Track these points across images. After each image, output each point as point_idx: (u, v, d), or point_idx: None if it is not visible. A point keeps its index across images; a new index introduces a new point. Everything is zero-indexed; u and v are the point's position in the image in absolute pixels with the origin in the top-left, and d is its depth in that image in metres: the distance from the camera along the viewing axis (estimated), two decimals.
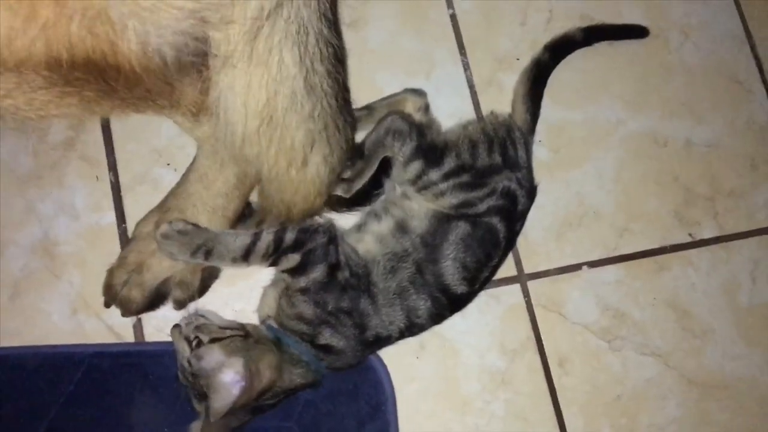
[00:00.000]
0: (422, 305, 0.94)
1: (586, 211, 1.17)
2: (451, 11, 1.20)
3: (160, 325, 1.00)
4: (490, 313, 1.11)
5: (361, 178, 1.01)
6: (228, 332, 0.89)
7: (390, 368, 1.04)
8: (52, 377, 0.95)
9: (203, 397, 0.86)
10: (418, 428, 1.05)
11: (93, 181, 1.03)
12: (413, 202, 0.98)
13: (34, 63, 0.52)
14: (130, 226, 1.03)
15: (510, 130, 1.03)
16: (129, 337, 1.01)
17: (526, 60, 1.18)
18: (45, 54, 0.52)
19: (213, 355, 0.85)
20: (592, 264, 1.15)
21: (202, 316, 0.92)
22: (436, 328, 1.07)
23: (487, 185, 0.98)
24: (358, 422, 1.01)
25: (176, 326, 0.91)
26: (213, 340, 0.87)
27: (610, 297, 1.14)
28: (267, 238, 0.90)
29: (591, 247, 1.16)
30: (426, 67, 1.17)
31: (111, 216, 1.04)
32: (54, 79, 0.57)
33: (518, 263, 1.13)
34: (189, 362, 0.87)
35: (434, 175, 0.97)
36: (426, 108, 1.08)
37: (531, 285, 1.13)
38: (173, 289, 0.97)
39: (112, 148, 1.04)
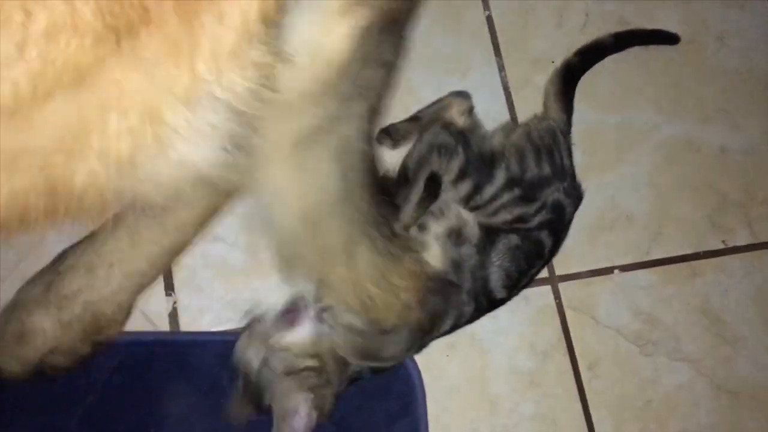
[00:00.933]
0: (467, 310, 0.96)
1: (619, 215, 1.16)
2: (487, 12, 1.20)
3: (195, 315, 1.01)
4: (520, 314, 1.10)
5: (409, 203, 0.97)
6: (307, 362, 0.88)
7: (420, 366, 1.04)
8: (87, 365, 0.95)
9: (254, 396, 0.88)
10: (446, 427, 1.05)
11: None
12: (465, 214, 0.99)
13: None
14: None
15: (554, 134, 1.04)
16: (164, 325, 1.01)
17: (561, 63, 1.19)
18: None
19: (284, 387, 0.87)
20: (625, 268, 1.14)
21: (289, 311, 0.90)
22: (466, 327, 1.07)
23: (539, 199, 0.99)
24: (389, 419, 1.01)
25: (255, 322, 0.89)
26: (287, 373, 0.87)
27: (642, 301, 1.13)
28: None
29: (623, 250, 1.15)
30: (461, 67, 1.18)
31: None
32: None
33: (550, 265, 1.12)
34: (258, 372, 0.88)
35: (487, 192, 0.97)
36: (470, 110, 1.08)
37: (562, 287, 1.12)
38: (57, 357, 0.87)
39: None
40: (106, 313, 0.87)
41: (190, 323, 1.02)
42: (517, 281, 1.00)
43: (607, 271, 1.14)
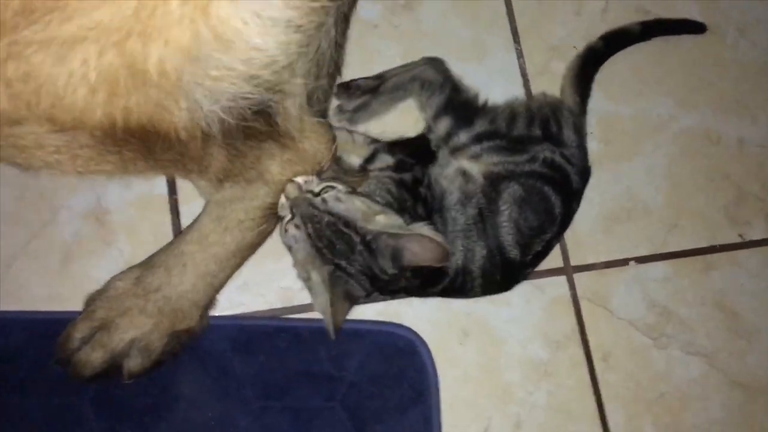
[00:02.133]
0: (479, 251, 0.94)
1: (634, 206, 1.15)
2: None
3: None
4: (534, 304, 1.09)
5: (365, 111, 1.02)
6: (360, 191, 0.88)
7: (433, 354, 1.03)
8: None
9: (329, 249, 0.84)
10: (459, 415, 1.04)
11: None
12: (465, 162, 0.98)
13: (90, 126, 0.52)
14: (181, 197, 1.03)
15: (556, 109, 1.02)
16: None
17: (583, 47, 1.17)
18: (102, 118, 0.52)
19: (357, 205, 0.84)
20: (640, 259, 1.13)
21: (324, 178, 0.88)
22: (480, 315, 1.07)
23: (527, 152, 0.97)
24: (401, 406, 1.00)
25: (293, 181, 0.85)
26: (351, 192, 0.85)
27: (657, 294, 1.13)
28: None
29: (639, 242, 1.14)
30: (479, 53, 1.16)
31: (162, 187, 1.03)
32: (101, 138, 0.58)
33: (565, 255, 1.11)
34: (324, 201, 0.84)
35: (464, 136, 0.97)
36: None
37: (577, 277, 1.11)
38: (133, 356, 0.90)
39: (174, 189, 1.04)
40: (183, 309, 0.91)
41: None
42: (530, 240, 0.95)
43: (623, 262, 1.13)
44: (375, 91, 1.03)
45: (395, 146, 0.99)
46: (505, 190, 0.95)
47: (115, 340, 0.89)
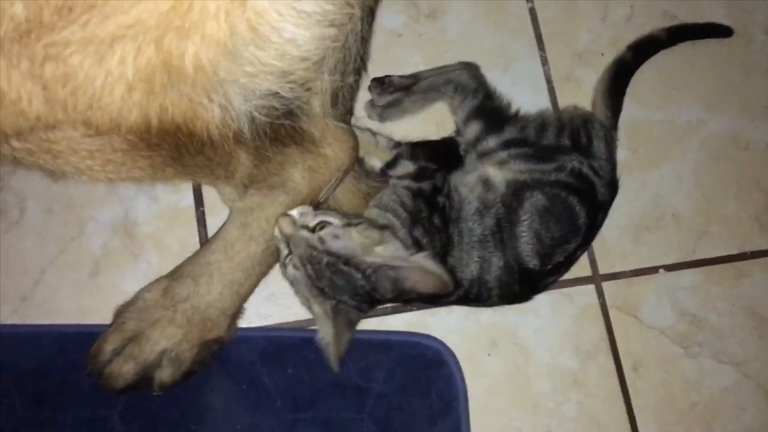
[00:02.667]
0: (495, 261, 0.93)
1: (663, 213, 1.14)
2: (530, 4, 1.18)
3: None
4: (563, 313, 1.08)
5: (396, 108, 1.03)
6: (355, 220, 0.87)
7: (461, 364, 1.02)
8: None
9: (331, 287, 0.84)
10: (488, 426, 1.03)
11: None
12: (489, 168, 0.98)
13: (126, 127, 0.52)
14: (208, 209, 1.03)
15: (587, 121, 1.02)
16: None
17: (610, 56, 1.16)
18: (138, 119, 0.52)
19: (354, 238, 0.84)
20: (670, 267, 1.12)
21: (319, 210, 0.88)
22: (509, 325, 1.06)
23: (554, 161, 0.96)
24: (430, 417, 0.99)
25: (285, 216, 0.85)
26: (347, 225, 0.85)
27: (687, 302, 1.11)
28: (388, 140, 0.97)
29: (668, 249, 1.12)
30: (503, 60, 1.15)
31: (189, 199, 1.03)
32: (135, 142, 0.58)
33: (593, 263, 1.10)
34: (320, 241, 0.83)
35: (492, 141, 0.97)
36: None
37: (606, 286, 1.10)
38: (164, 367, 0.91)
39: (201, 200, 1.04)
40: (212, 318, 0.92)
41: None
42: (551, 251, 0.94)
43: (652, 270, 1.11)
44: (408, 89, 1.04)
45: (418, 149, 0.98)
46: (528, 200, 0.94)
47: (146, 352, 0.90)
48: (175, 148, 0.61)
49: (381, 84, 1.04)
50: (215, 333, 0.93)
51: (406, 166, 0.95)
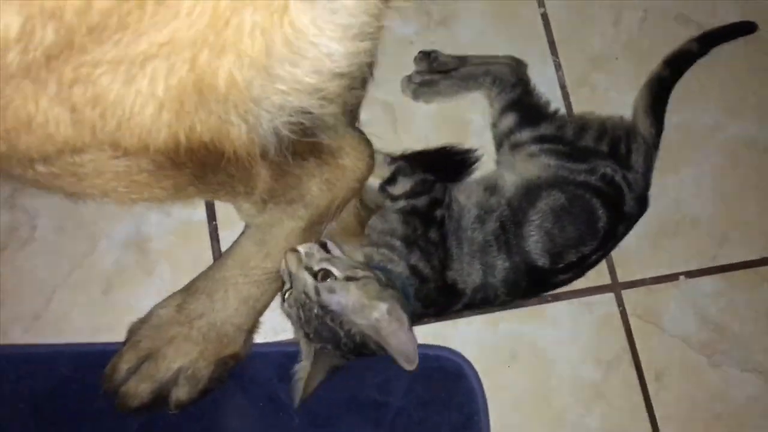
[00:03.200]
0: (500, 264, 0.92)
1: (682, 218, 1.12)
2: (542, 10, 1.16)
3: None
4: (583, 323, 1.06)
5: (431, 88, 1.03)
6: (360, 273, 0.85)
7: (481, 377, 1.00)
8: None
9: (316, 336, 0.85)
10: None
11: None
12: (506, 173, 0.97)
13: (154, 148, 0.50)
14: (221, 224, 1.02)
15: (630, 133, 1.01)
16: None
17: (624, 60, 1.14)
18: (167, 139, 0.50)
19: (350, 295, 0.83)
20: (690, 274, 1.10)
21: (325, 248, 0.87)
22: (528, 337, 1.04)
23: (587, 162, 0.95)
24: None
25: (294, 251, 0.85)
26: (348, 279, 0.83)
27: (709, 309, 1.09)
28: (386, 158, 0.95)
29: (688, 256, 1.10)
30: None
31: (202, 213, 1.02)
32: (161, 162, 0.57)
33: (612, 271, 1.08)
34: (316, 291, 0.83)
35: (526, 133, 0.96)
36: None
37: (625, 294, 1.08)
38: (180, 385, 0.89)
39: (214, 215, 1.03)
40: (228, 334, 0.90)
41: None
42: (563, 250, 0.93)
43: (672, 277, 1.09)
44: (447, 73, 1.03)
45: (416, 161, 0.97)
46: (543, 199, 0.93)
47: (162, 370, 0.88)
48: (200, 167, 0.60)
49: (427, 57, 1.04)
50: (231, 349, 0.91)
51: (404, 184, 0.93)
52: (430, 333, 1.02)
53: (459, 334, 1.02)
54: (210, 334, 0.89)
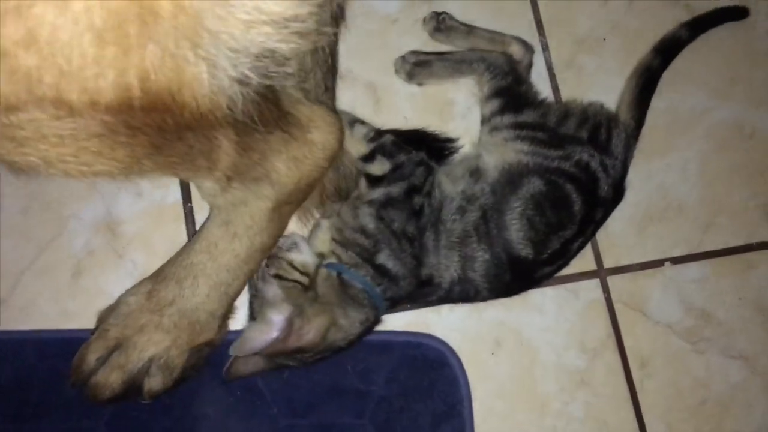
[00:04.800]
0: (480, 256, 0.89)
1: (669, 204, 1.10)
2: None
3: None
4: (568, 309, 1.04)
5: (425, 69, 1.02)
6: (296, 275, 0.85)
7: (465, 365, 0.98)
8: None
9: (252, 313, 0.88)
10: (493, 429, 1.00)
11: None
12: (485, 154, 0.95)
13: (104, 103, 0.45)
14: (196, 205, 0.98)
15: (611, 120, 0.99)
16: None
17: (611, 42, 1.12)
18: (116, 88, 0.45)
19: (270, 290, 0.85)
20: (676, 260, 1.09)
21: (295, 244, 0.88)
22: (513, 324, 1.02)
23: (563, 149, 0.94)
24: (433, 421, 0.95)
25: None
26: (277, 276, 0.85)
27: (694, 296, 1.08)
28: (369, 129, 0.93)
29: (674, 242, 1.09)
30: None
31: (176, 194, 0.98)
32: (113, 125, 0.51)
33: (597, 257, 1.06)
34: (258, 278, 0.87)
35: (506, 119, 0.95)
36: (529, 66, 1.05)
37: (611, 280, 1.06)
38: (153, 374, 0.86)
39: (189, 196, 0.99)
40: (200, 321, 0.87)
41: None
42: (545, 237, 0.91)
43: (658, 263, 1.08)
44: (442, 56, 1.03)
45: (396, 142, 0.94)
46: (524, 186, 0.91)
47: (133, 360, 0.84)
48: (158, 132, 0.54)
49: (437, 17, 1.03)
50: (205, 336, 0.88)
51: (383, 164, 0.91)
52: (412, 320, 0.99)
53: (442, 321, 1.00)
54: (182, 322, 0.85)
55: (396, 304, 0.92)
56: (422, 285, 0.91)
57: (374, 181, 0.91)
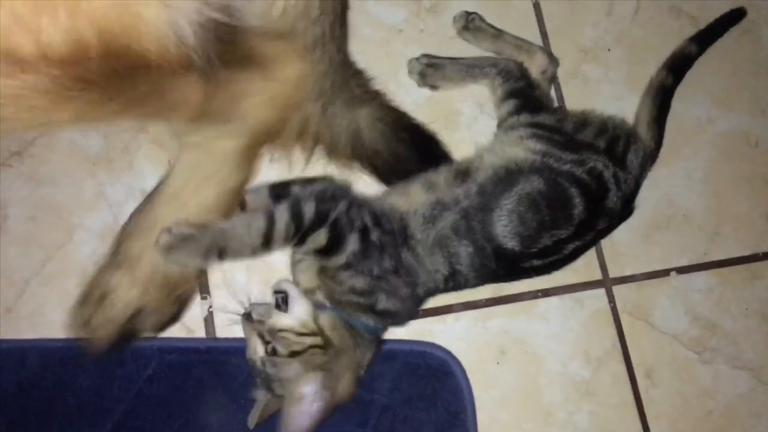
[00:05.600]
0: (463, 251, 0.88)
1: (674, 213, 1.10)
2: None
3: (233, 318, 0.94)
4: (573, 318, 1.04)
5: (437, 71, 1.03)
6: (308, 340, 0.83)
7: (469, 374, 0.98)
8: (121, 372, 0.90)
9: (269, 389, 0.84)
10: None
11: (164, 165, 0.98)
12: (487, 155, 0.95)
13: (57, 53, 0.44)
14: None
15: (631, 136, 0.99)
16: (200, 331, 0.95)
17: (616, 52, 1.12)
18: (67, 38, 0.43)
19: (291, 369, 0.82)
20: (681, 270, 1.08)
21: (281, 297, 0.85)
22: (518, 332, 1.02)
23: (578, 153, 0.93)
24: (437, 430, 0.95)
25: (247, 316, 0.85)
26: (293, 354, 0.82)
27: (700, 306, 1.07)
28: (283, 217, 0.81)
29: (680, 251, 1.09)
30: None
31: None
32: (62, 80, 0.50)
33: (603, 266, 1.06)
34: (263, 364, 0.84)
35: (524, 118, 0.96)
36: (551, 78, 1.05)
37: (616, 290, 1.06)
38: (147, 318, 0.86)
39: None
40: (175, 271, 0.85)
41: (226, 329, 0.95)
42: (536, 234, 0.89)
43: (663, 273, 1.08)
44: (455, 60, 1.04)
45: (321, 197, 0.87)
46: (519, 184, 0.90)
47: (118, 315, 0.84)
48: (111, 80, 0.52)
49: (466, 16, 1.05)
50: (182, 288, 0.87)
51: (318, 236, 0.84)
52: (417, 328, 0.99)
53: (447, 330, 1.00)
54: (156, 276, 0.84)
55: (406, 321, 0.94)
56: (422, 300, 0.91)
57: (327, 250, 0.85)
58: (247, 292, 0.93)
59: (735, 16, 1.13)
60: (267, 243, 0.81)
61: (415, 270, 0.88)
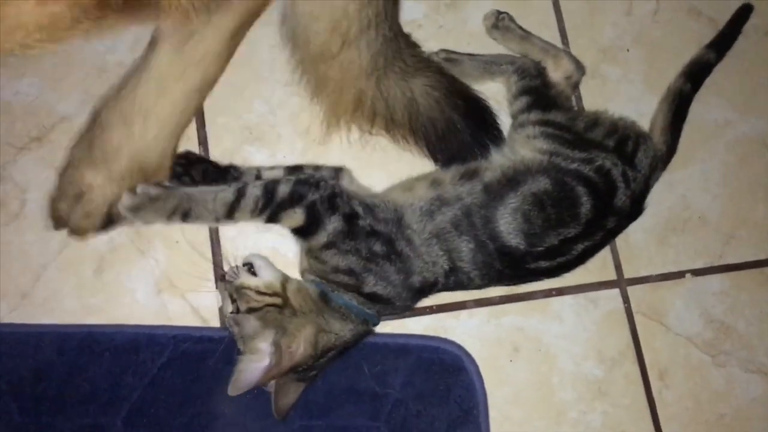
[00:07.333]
0: (465, 246, 0.89)
1: (690, 215, 1.10)
2: None
3: None
4: (587, 318, 1.04)
5: (455, 66, 1.03)
6: (267, 299, 0.85)
7: (481, 370, 0.98)
8: (135, 359, 0.90)
9: (239, 351, 0.86)
10: None
11: None
12: (495, 155, 0.96)
13: None
14: None
15: (641, 136, 0.99)
16: (214, 321, 0.96)
17: (635, 52, 1.12)
18: None
19: (249, 325, 0.84)
20: (697, 272, 1.08)
21: (250, 266, 0.88)
22: (531, 331, 1.02)
23: (586, 152, 0.94)
24: (449, 426, 0.95)
25: (223, 279, 0.89)
26: (250, 310, 0.84)
27: (714, 308, 1.07)
28: (254, 192, 0.86)
29: (695, 253, 1.08)
30: None
31: None
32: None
33: (618, 267, 1.06)
34: (230, 323, 0.87)
35: (534, 115, 0.97)
36: (575, 85, 1.05)
37: (631, 290, 1.06)
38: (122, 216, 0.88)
39: (203, 122, 0.99)
40: (152, 161, 0.86)
41: None
42: (542, 232, 0.89)
43: (679, 275, 1.07)
44: (473, 56, 1.05)
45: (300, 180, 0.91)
46: (527, 183, 0.90)
47: (96, 209, 0.87)
48: None
49: (497, 15, 1.06)
50: (160, 176, 0.88)
51: (293, 215, 0.86)
52: (430, 324, 0.99)
53: (461, 326, 1.00)
54: (132, 167, 0.85)
55: (403, 311, 0.94)
56: (420, 291, 0.91)
57: (305, 230, 0.87)
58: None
59: (743, 14, 1.12)
60: (230, 214, 0.85)
61: (409, 257, 0.88)
